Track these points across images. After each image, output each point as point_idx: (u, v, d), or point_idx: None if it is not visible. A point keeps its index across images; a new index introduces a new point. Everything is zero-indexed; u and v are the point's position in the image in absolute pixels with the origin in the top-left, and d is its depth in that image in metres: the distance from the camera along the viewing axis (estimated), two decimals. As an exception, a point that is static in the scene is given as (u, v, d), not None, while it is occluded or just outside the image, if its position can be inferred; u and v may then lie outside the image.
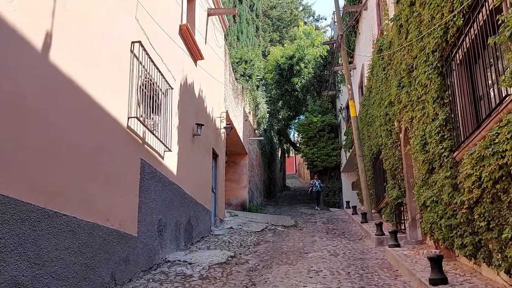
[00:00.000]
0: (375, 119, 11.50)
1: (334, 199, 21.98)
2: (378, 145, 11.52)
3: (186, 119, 9.02)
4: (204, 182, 10.42)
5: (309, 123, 22.29)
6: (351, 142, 18.16)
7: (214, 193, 11.80)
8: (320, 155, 22.15)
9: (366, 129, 13.40)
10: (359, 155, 12.60)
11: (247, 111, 17.65)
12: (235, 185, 17.30)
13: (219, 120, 12.05)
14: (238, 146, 16.66)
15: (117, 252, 5.51)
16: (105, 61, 5.44)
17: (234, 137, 15.50)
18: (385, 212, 10.88)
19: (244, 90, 17.03)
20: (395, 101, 8.88)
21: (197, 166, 9.80)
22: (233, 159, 17.51)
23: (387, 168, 10.28)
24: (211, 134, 11.31)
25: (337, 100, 23.04)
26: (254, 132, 19.83)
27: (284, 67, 22.69)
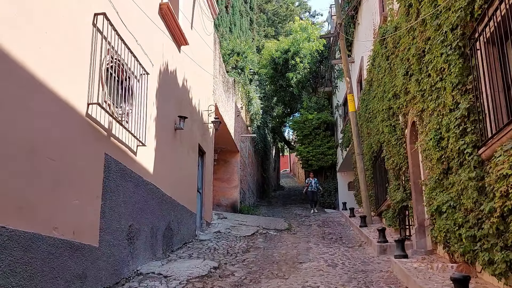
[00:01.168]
0: (376, 114, 10.55)
1: (329, 200, 21.04)
2: (379, 143, 10.57)
3: (166, 110, 8.01)
4: (188, 181, 9.42)
5: (304, 121, 21.32)
6: (349, 140, 17.23)
7: (200, 193, 10.81)
8: (315, 153, 21.20)
9: (365, 126, 12.44)
10: (358, 153, 11.65)
11: (239, 106, 16.66)
12: (226, 185, 16.31)
13: (207, 114, 11.05)
14: (229, 143, 15.67)
15: (69, 268, 4.50)
16: (57, 34, 4.43)
17: (224, 133, 14.52)
18: (387, 215, 9.93)
19: (236, 84, 16.04)
20: (401, 92, 7.92)
21: (179, 164, 8.80)
22: (224, 157, 16.52)
23: (390, 167, 9.33)
24: (197, 129, 10.32)
25: (334, 96, 22.08)
26: (246, 129, 18.85)
27: (279, 62, 21.71)
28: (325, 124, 21.40)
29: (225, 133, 14.50)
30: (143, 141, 6.48)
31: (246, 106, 18.49)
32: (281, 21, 33.96)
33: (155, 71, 7.43)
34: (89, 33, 5.13)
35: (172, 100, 8.41)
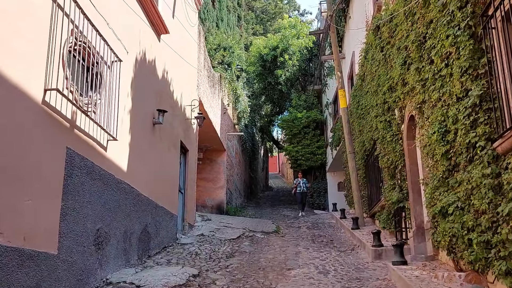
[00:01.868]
0: (370, 110, 9.98)
1: (319, 200, 20.49)
2: (373, 140, 10.01)
3: (143, 103, 7.34)
4: (168, 181, 8.75)
5: (293, 119, 20.73)
6: (339, 139, 16.69)
7: (183, 194, 10.14)
8: (304, 153, 20.63)
9: (357, 123, 11.88)
10: (350, 151, 11.08)
11: (226, 103, 16.00)
12: (211, 185, 15.65)
13: (190, 109, 10.38)
14: (215, 141, 15.01)
15: (18, 280, 3.82)
16: (8, 7, 3.76)
17: (210, 131, 13.86)
18: (381, 217, 9.37)
19: (223, 80, 15.38)
20: (398, 84, 7.35)
21: (158, 162, 8.13)
22: (209, 156, 15.86)
23: (385, 166, 8.76)
24: (179, 124, 9.65)
25: (323, 95, 21.54)
26: (233, 127, 18.20)
27: (267, 59, 21.10)
28: (314, 122, 20.85)
29: (210, 130, 13.85)
30: (114, 135, 5.81)
31: (233, 103, 17.85)
32: (270, 19, 33.38)
33: (130, 59, 6.76)
34: (48, 8, 4.45)
35: (150, 92, 7.74)
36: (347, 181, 15.22)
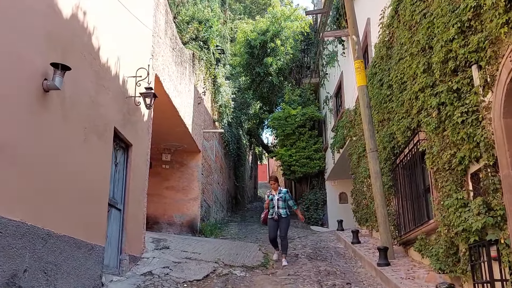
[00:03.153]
0: (407, 84, 6.57)
1: (316, 214, 17.00)
2: (411, 129, 6.60)
3: (12, 44, 3.86)
4: (82, 190, 5.22)
5: (286, 117, 17.27)
6: (343, 139, 13.29)
7: (120, 211, 6.61)
8: (299, 157, 17.17)
9: (378, 111, 8.46)
10: (371, 149, 7.62)
11: (201, 91, 12.53)
12: (181, 196, 12.12)
13: (134, 82, 6.88)
14: (186, 139, 11.53)
15: None
16: None
17: (177, 124, 10.40)
18: (432, 252, 5.93)
19: (197, 60, 11.92)
20: (485, 19, 3.96)
21: (56, 158, 4.63)
22: (180, 159, 12.35)
23: (440, 167, 5.34)
24: (113, 103, 6.16)
25: (322, 89, 18.14)
26: (213, 124, 14.72)
27: (255, 44, 17.71)
28: (311, 121, 17.41)
29: (177, 123, 10.37)
30: None
31: (213, 94, 14.38)
32: (260, 11, 30.06)
33: None
34: None
35: (35, 31, 4.26)
36: (356, 191, 11.79)
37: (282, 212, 8.27)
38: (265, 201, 8.66)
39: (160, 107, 9.16)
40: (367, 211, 10.31)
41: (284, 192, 8.39)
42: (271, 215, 8.32)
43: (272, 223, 8.29)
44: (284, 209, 8.29)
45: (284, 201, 8.29)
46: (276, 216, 8.23)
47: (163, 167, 12.07)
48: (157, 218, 11.75)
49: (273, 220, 8.28)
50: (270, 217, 8.37)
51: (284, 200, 8.30)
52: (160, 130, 10.74)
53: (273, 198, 8.34)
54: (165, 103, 9.15)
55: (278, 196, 8.33)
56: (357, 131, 11.31)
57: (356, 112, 11.49)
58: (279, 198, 8.31)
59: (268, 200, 8.43)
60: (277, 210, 8.25)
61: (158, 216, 11.77)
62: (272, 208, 8.33)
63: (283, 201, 8.29)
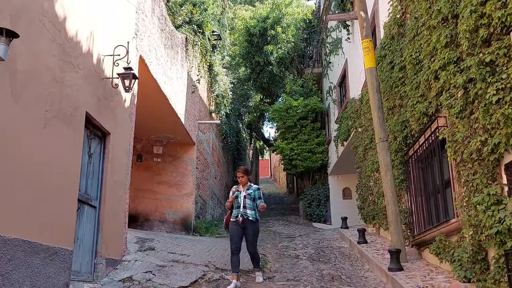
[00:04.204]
0: (423, 64, 5.72)
1: (318, 211, 16.20)
2: (428, 116, 5.76)
3: None
4: (41, 186, 4.39)
5: (287, 108, 16.42)
6: (348, 131, 12.47)
7: (95, 208, 5.80)
8: (301, 151, 16.32)
9: (389, 95, 7.61)
10: (381, 138, 6.76)
11: (195, 79, 11.68)
12: (174, 192, 11.30)
13: (112, 62, 6.04)
14: (179, 131, 10.71)
15: None
16: None
17: (167, 113, 9.60)
18: (447, 253, 5.12)
19: (190, 45, 11.07)
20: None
21: (7, 148, 3.82)
22: (172, 152, 11.53)
23: (466, 157, 4.51)
24: (85, 84, 5.32)
25: (325, 79, 17.27)
26: (209, 115, 13.90)
27: (254, 32, 16.83)
28: (313, 113, 16.55)
29: (168, 113, 9.56)
30: None
31: (209, 83, 13.54)
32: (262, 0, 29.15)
33: None
34: None
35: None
36: (362, 187, 10.96)
37: (250, 214, 6.13)
38: (230, 198, 6.37)
39: (147, 93, 8.35)
40: (374, 207, 9.49)
41: (255, 189, 6.33)
42: (235, 217, 6.19)
43: (236, 230, 6.15)
44: (253, 210, 6.17)
45: (253, 201, 6.22)
46: (241, 218, 6.10)
47: (155, 160, 11.26)
48: (148, 215, 10.96)
49: (237, 224, 6.14)
50: (233, 220, 6.23)
51: (253, 199, 6.23)
52: (149, 120, 9.94)
53: (239, 195, 6.24)
54: (153, 89, 8.32)
55: (245, 193, 6.22)
56: (363, 122, 10.47)
57: (362, 101, 10.64)
58: (247, 195, 6.20)
59: (232, 197, 6.29)
60: (243, 211, 6.13)
61: (149, 213, 10.98)
62: (236, 208, 6.22)
63: (252, 200, 6.21)
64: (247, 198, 6.19)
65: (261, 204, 6.14)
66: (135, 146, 11.19)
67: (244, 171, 6.40)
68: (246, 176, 6.38)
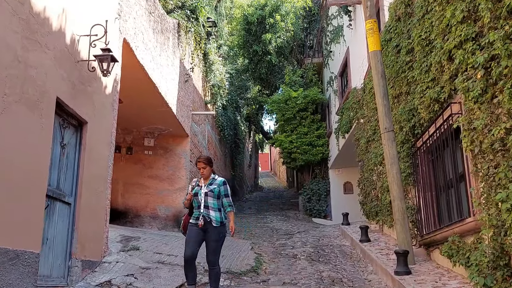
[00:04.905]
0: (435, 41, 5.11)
1: (319, 206, 15.64)
2: (439, 102, 5.17)
3: None
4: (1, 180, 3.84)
5: (286, 100, 15.82)
6: (349, 122, 11.88)
7: (70, 205, 5.23)
8: (300, 144, 15.74)
9: (394, 82, 7.02)
10: (386, 127, 6.16)
11: (189, 68, 11.08)
12: (166, 186, 10.74)
13: (88, 42, 5.44)
14: (171, 122, 10.12)
15: None
16: None
17: (158, 104, 9.02)
18: (461, 255, 4.56)
19: (183, 31, 10.46)
20: None
21: None
22: (164, 144, 10.95)
23: (488, 147, 3.93)
24: (54, 64, 4.73)
25: (325, 69, 16.65)
26: (205, 106, 13.31)
27: (252, 20, 16.19)
28: (314, 104, 15.96)
29: (158, 103, 8.97)
30: None
31: (204, 73, 12.94)
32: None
33: None
34: None
35: None
36: (364, 181, 10.39)
37: (214, 216, 4.73)
38: (187, 195, 4.98)
39: (134, 80, 7.77)
40: (377, 203, 8.93)
41: (219, 184, 4.88)
42: (194, 219, 4.79)
43: (195, 232, 4.73)
44: (217, 211, 4.78)
45: (217, 198, 4.81)
46: (203, 221, 4.70)
47: (146, 153, 10.69)
48: (138, 211, 10.41)
49: (197, 227, 4.73)
50: (192, 222, 4.82)
51: (218, 196, 4.81)
52: (139, 110, 9.37)
53: (199, 191, 4.81)
54: (140, 76, 7.73)
55: (207, 189, 4.79)
56: (365, 112, 9.89)
57: (364, 90, 10.05)
58: (209, 192, 4.77)
59: (191, 194, 4.87)
60: (204, 212, 4.73)
61: (139, 209, 10.43)
62: (196, 209, 4.80)
63: (216, 198, 4.79)
64: (209, 196, 4.75)
65: (231, 225, 4.83)
66: (125, 138, 10.64)
67: (206, 160, 4.91)
68: (208, 167, 4.87)
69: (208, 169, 4.89)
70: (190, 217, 4.91)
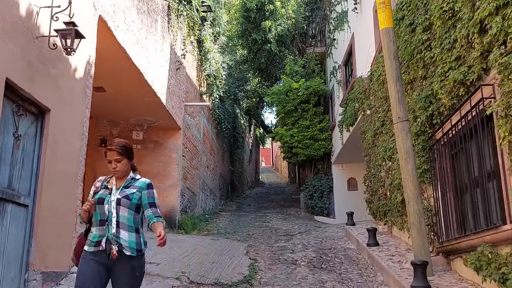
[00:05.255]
0: (460, 12, 4.27)
1: (321, 203, 14.83)
2: (463, 85, 4.33)
3: None
4: None
5: (287, 91, 14.96)
6: (355, 114, 11.06)
7: (27, 207, 4.42)
8: (302, 138, 14.91)
9: (407, 66, 6.17)
10: (400, 117, 5.31)
11: (181, 55, 10.24)
12: (156, 183, 9.82)
13: (49, 15, 4.61)
14: (161, 113, 9.32)
15: None
16: None
17: (144, 93, 8.21)
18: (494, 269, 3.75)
19: (174, 14, 9.62)
20: None
21: None
22: (154, 137, 10.16)
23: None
24: (1, 38, 3.92)
25: (328, 59, 15.77)
26: (200, 97, 12.49)
27: (251, 7, 15.29)
28: (316, 96, 15.11)
29: (144, 92, 8.15)
30: None
31: (199, 61, 12.11)
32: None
33: None
34: None
35: None
36: (371, 177, 9.59)
37: (127, 240, 2.84)
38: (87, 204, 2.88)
39: (116, 66, 6.97)
40: (385, 202, 8.11)
41: (142, 186, 3.01)
42: (93, 244, 2.86)
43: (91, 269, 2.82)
44: (133, 231, 2.89)
45: (135, 211, 2.94)
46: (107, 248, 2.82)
47: (134, 147, 9.85)
48: (125, 210, 9.61)
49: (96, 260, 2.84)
50: (89, 248, 2.88)
51: (136, 208, 2.94)
52: (125, 100, 8.58)
53: (107, 197, 2.92)
54: (121, 61, 6.92)
55: (120, 194, 2.93)
56: (372, 102, 9.06)
57: (371, 78, 9.21)
58: (123, 198, 2.91)
59: (91, 201, 2.90)
60: (109, 235, 2.83)
61: (127, 207, 9.62)
62: (97, 226, 2.90)
63: (133, 210, 2.92)
64: (122, 205, 2.89)
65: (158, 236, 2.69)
66: (111, 131, 9.84)
67: (122, 148, 3.01)
68: (125, 160, 3.03)
69: (124, 163, 3.00)
70: (85, 239, 2.96)
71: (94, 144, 9.50)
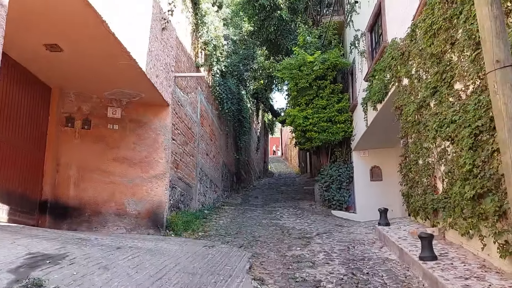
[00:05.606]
0: None
1: (339, 195, 12.78)
2: None
3: None
4: None
5: (300, 65, 12.83)
6: (385, 87, 8.96)
7: None
8: (317, 120, 12.82)
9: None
10: (500, 60, 3.18)
11: (168, 10, 8.14)
12: (138, 173, 7.92)
13: None
14: (140, 84, 7.27)
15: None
16: None
17: (116, 55, 6.15)
18: None
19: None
20: None
21: None
22: (134, 115, 8.12)
23: None
24: None
25: (347, 29, 13.59)
26: (196, 69, 10.42)
27: (258, -32, 13.13)
28: (334, 71, 12.97)
29: (115, 53, 6.07)
30: None
31: (194, 25, 10.01)
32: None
33: None
34: None
35: None
36: (410, 164, 7.49)
37: None
38: None
39: (65, 8, 4.90)
40: (436, 197, 6.03)
41: None
42: None
43: None
44: None
45: None
46: None
47: (110, 127, 7.86)
48: (99, 207, 7.62)
49: None
50: None
51: None
52: (91, 64, 6.52)
53: None
54: (76, 5, 4.84)
55: None
56: (414, 67, 6.96)
57: (413, 36, 7.08)
58: None
59: None
60: None
61: (100, 204, 7.63)
62: None
63: None
64: None
65: None
66: (80, 107, 7.82)
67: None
68: None
69: None
70: None
71: (58, 123, 7.50)
